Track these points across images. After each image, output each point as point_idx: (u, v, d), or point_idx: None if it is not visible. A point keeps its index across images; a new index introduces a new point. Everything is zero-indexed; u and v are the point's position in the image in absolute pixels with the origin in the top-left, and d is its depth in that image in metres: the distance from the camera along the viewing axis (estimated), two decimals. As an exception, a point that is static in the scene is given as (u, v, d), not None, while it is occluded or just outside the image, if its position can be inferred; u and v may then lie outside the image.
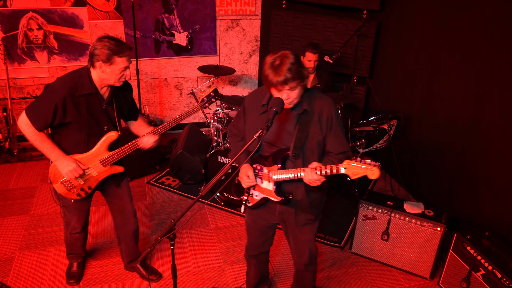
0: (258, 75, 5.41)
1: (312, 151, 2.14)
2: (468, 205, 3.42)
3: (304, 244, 2.44)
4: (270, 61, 1.96)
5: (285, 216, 2.34)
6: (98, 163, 2.51)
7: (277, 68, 1.93)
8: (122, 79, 2.37)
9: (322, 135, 2.13)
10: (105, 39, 2.26)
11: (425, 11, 3.81)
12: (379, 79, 4.60)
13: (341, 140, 2.18)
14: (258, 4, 5.00)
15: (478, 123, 3.29)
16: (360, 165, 1.96)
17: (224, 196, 3.86)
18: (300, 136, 2.10)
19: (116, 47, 2.25)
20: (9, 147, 4.38)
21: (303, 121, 2.10)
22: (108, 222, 3.58)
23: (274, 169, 2.18)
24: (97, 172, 2.54)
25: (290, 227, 2.39)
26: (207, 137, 4.45)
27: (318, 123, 2.11)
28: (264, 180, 2.25)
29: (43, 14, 4.35)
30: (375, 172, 1.94)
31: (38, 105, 2.32)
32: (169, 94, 5.15)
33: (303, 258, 2.48)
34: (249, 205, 2.37)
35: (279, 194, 2.22)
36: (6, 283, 2.89)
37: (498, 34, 3.05)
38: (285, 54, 1.96)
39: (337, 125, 2.16)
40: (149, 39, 4.77)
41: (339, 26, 4.53)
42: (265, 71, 1.98)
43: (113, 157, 2.52)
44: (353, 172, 1.98)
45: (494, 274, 2.59)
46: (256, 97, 2.22)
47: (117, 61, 2.27)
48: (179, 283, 2.92)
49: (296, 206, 2.29)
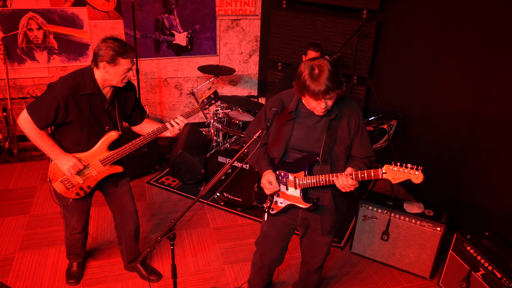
0: (258, 75, 5.41)
1: (339, 156, 2.13)
2: (468, 205, 3.42)
3: (321, 247, 2.41)
4: (309, 70, 1.92)
5: (309, 222, 2.32)
6: (98, 162, 2.51)
7: (318, 77, 1.90)
8: (125, 80, 2.39)
9: (350, 140, 2.12)
10: (110, 40, 2.27)
11: (425, 11, 3.81)
12: (379, 79, 4.60)
13: (367, 145, 2.17)
14: (258, 4, 5.00)
15: (478, 123, 3.29)
16: (402, 169, 1.94)
17: (224, 196, 3.86)
18: (329, 141, 2.08)
19: (120, 48, 2.26)
20: (9, 147, 4.38)
21: (332, 126, 2.09)
22: (108, 222, 3.58)
23: (301, 176, 2.15)
24: (97, 171, 2.54)
25: (311, 231, 2.37)
26: (207, 137, 4.45)
27: (347, 128, 2.11)
28: (289, 186, 2.21)
29: (43, 14, 4.35)
30: (419, 176, 1.93)
31: (40, 104, 2.32)
32: (169, 94, 5.15)
33: (317, 259, 2.46)
34: (272, 212, 2.33)
35: (306, 201, 2.19)
36: (6, 283, 2.89)
37: (498, 34, 3.05)
38: (322, 64, 1.93)
39: (364, 129, 2.16)
40: (149, 39, 4.77)
41: (339, 26, 4.53)
42: (303, 80, 1.93)
43: (113, 157, 2.51)
44: (394, 176, 1.96)
45: (494, 274, 2.59)
46: (278, 103, 2.13)
47: (121, 62, 2.29)
48: (179, 283, 2.92)
49: (322, 212, 2.26)
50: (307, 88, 1.93)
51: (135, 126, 2.73)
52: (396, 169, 1.95)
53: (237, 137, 3.82)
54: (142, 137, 2.51)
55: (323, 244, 2.41)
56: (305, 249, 2.50)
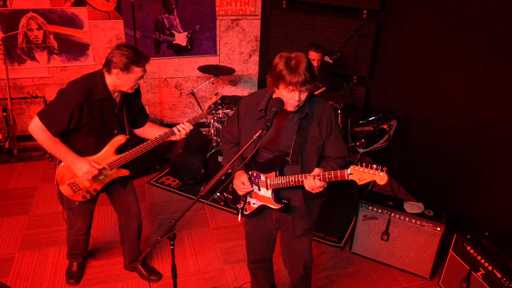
0: (258, 75, 5.41)
1: (311, 156, 2.09)
2: (468, 205, 3.42)
3: (299, 254, 2.35)
4: (285, 60, 1.90)
5: (282, 224, 2.28)
6: (105, 166, 2.52)
7: (295, 68, 1.87)
8: (135, 86, 2.43)
9: (322, 140, 2.09)
10: (125, 47, 2.31)
11: (425, 11, 3.81)
12: (379, 79, 4.61)
13: (340, 145, 2.14)
14: (258, 4, 5.00)
15: (478, 123, 3.29)
16: (367, 170, 1.91)
17: (224, 196, 3.86)
18: (299, 141, 2.05)
19: (134, 56, 2.30)
20: (9, 147, 4.38)
21: (303, 125, 2.06)
22: (108, 222, 3.58)
23: (272, 176, 2.13)
24: (104, 175, 2.56)
25: (286, 235, 2.33)
26: (207, 137, 4.45)
27: (318, 128, 2.06)
28: (261, 187, 2.20)
29: (43, 14, 4.35)
30: (383, 177, 1.89)
31: (54, 110, 2.32)
32: (169, 94, 5.15)
33: (298, 269, 2.40)
34: (246, 213, 2.32)
35: (278, 201, 2.17)
36: (6, 283, 2.90)
37: (498, 34, 3.05)
38: (300, 55, 1.91)
39: (336, 129, 2.12)
40: (149, 39, 4.77)
41: (339, 26, 4.53)
42: (279, 70, 1.89)
43: (120, 161, 2.53)
44: (360, 177, 1.93)
45: (494, 274, 2.59)
46: (251, 102, 2.16)
47: (135, 71, 2.33)
48: (179, 283, 2.92)
49: (293, 213, 2.22)
50: (282, 77, 1.88)
51: (137, 129, 2.74)
52: (361, 170, 1.92)
53: (237, 137, 3.82)
54: (149, 141, 2.53)
55: (301, 251, 2.34)
56: (285, 257, 2.45)
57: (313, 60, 3.92)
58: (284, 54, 1.93)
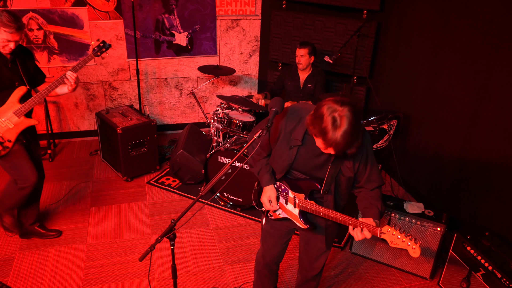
0: (258, 75, 5.41)
1: (342, 186, 2.06)
2: (468, 205, 3.42)
3: (319, 251, 2.36)
4: (331, 118, 1.70)
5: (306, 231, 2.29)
6: (11, 114, 2.79)
7: (338, 127, 1.70)
8: (7, 47, 2.66)
9: (354, 172, 2.02)
10: (5, 12, 2.59)
11: (425, 11, 3.81)
12: (379, 79, 4.61)
13: (375, 174, 2.06)
14: (258, 4, 5.00)
15: (478, 123, 3.29)
16: (401, 237, 1.84)
17: (224, 196, 3.86)
18: (333, 172, 2.00)
19: (5, 19, 2.57)
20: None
21: (338, 156, 1.95)
22: (108, 223, 3.58)
23: (301, 198, 2.11)
24: (13, 123, 2.81)
25: (307, 235, 2.33)
26: (207, 137, 4.46)
27: (352, 160, 1.99)
28: (289, 202, 2.18)
29: (43, 14, 4.35)
30: (416, 251, 1.84)
31: None
32: (169, 94, 5.15)
33: (316, 265, 2.40)
34: (270, 218, 2.32)
35: (305, 222, 2.16)
36: (6, 283, 2.90)
37: (498, 34, 3.05)
38: (346, 114, 1.70)
39: (371, 159, 2.04)
40: (149, 39, 4.78)
41: (339, 26, 4.53)
42: (324, 124, 1.72)
43: (24, 107, 2.81)
44: (392, 241, 1.87)
45: (494, 274, 2.59)
46: (290, 122, 2.02)
47: (1, 31, 2.60)
48: (179, 283, 2.92)
49: (315, 230, 2.25)
50: (324, 134, 1.73)
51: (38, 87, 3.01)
52: (395, 234, 1.86)
53: (237, 137, 3.82)
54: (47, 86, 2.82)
55: (320, 249, 2.34)
56: (302, 255, 2.44)
57: (302, 56, 4.10)
58: (331, 108, 1.72)
